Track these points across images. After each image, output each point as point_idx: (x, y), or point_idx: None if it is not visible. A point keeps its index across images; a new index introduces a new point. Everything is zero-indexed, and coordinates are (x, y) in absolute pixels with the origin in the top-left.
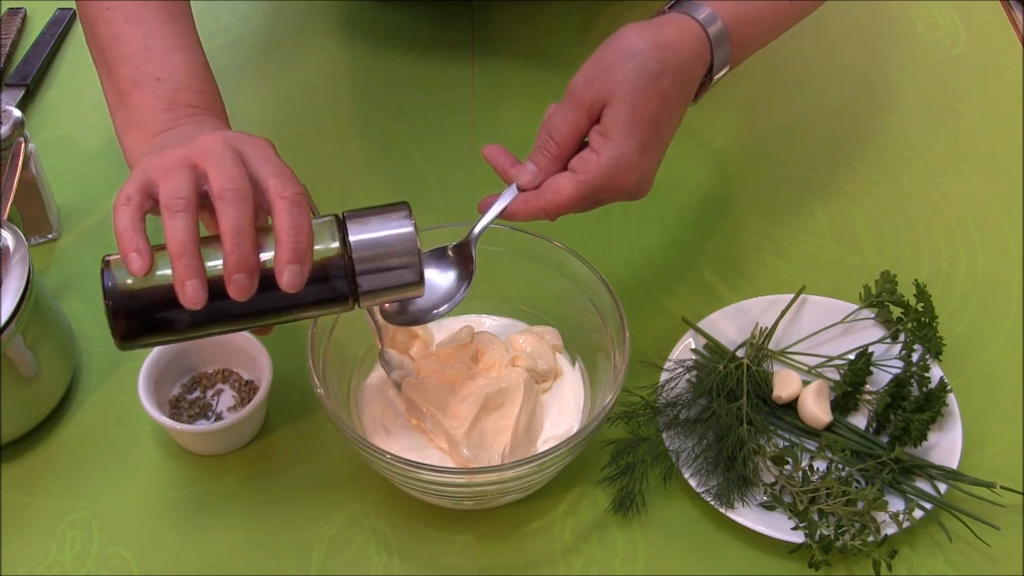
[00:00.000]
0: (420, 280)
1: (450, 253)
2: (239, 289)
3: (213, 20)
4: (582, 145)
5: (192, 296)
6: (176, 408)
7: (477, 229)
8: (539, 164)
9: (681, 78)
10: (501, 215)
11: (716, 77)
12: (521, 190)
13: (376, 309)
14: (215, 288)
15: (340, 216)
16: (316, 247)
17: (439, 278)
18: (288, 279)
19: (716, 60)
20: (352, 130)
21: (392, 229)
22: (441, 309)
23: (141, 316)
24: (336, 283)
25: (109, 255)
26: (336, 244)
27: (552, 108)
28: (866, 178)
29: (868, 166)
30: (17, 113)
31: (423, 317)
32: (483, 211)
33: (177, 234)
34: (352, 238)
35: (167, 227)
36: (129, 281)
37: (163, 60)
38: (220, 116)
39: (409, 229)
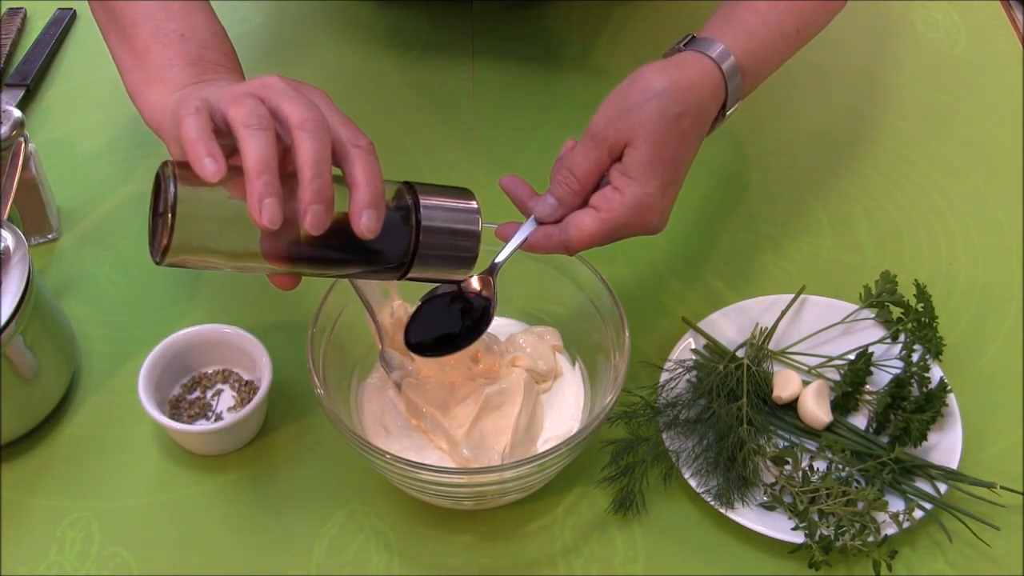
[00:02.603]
0: (471, 264)
1: (473, 283)
2: (315, 220)
3: None
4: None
5: (268, 214)
6: (176, 408)
7: (499, 259)
8: (560, 198)
9: (699, 119)
10: (522, 246)
11: (729, 112)
12: (540, 223)
13: (386, 310)
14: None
15: (406, 183)
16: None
17: (462, 311)
18: (366, 221)
19: (729, 95)
20: None
21: (461, 206)
22: (469, 340)
23: (196, 230)
24: (396, 243)
25: (167, 162)
26: (402, 204)
27: (570, 144)
28: (866, 178)
29: (868, 166)
30: (17, 113)
31: (448, 350)
32: (504, 238)
33: (258, 149)
34: (423, 205)
35: (246, 144)
36: (191, 190)
37: (185, 19)
38: (244, 79)
39: (475, 212)
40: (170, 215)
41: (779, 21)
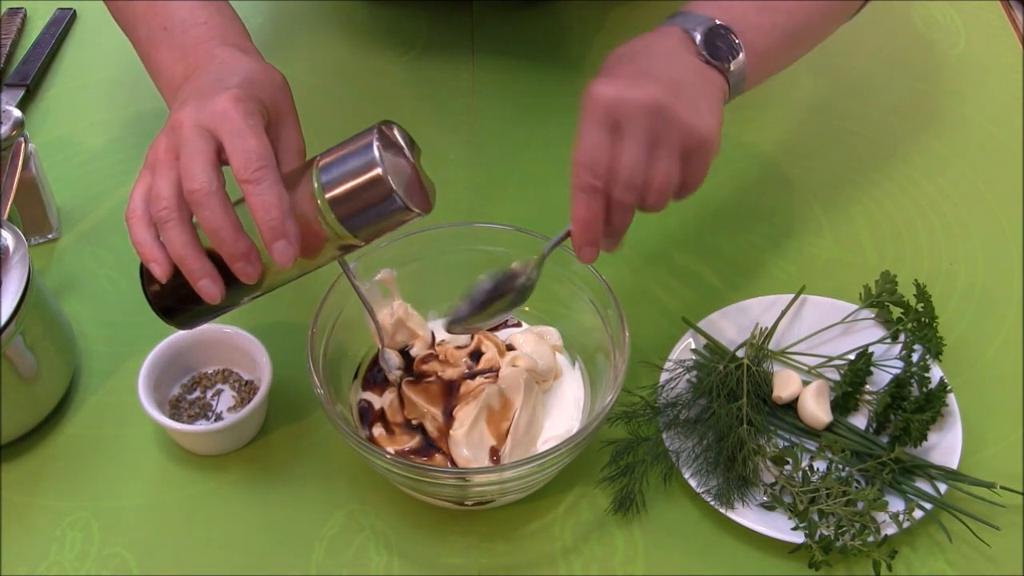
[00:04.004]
0: (403, 204)
1: (513, 267)
2: (244, 274)
3: None
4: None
5: (208, 293)
6: (176, 408)
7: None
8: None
9: (656, 48)
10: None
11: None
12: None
13: (386, 310)
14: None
15: (316, 159)
16: (297, 198)
17: (497, 298)
18: (278, 256)
19: (703, 43)
20: (352, 130)
21: (356, 162)
22: (495, 319)
23: (182, 305)
24: (328, 231)
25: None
26: (314, 188)
27: None
28: (866, 178)
29: (868, 166)
30: (17, 113)
31: (485, 325)
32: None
33: (171, 244)
34: (323, 181)
35: (165, 236)
36: (155, 281)
37: (166, 8)
38: (231, 39)
39: (371, 153)
40: (155, 306)
41: None
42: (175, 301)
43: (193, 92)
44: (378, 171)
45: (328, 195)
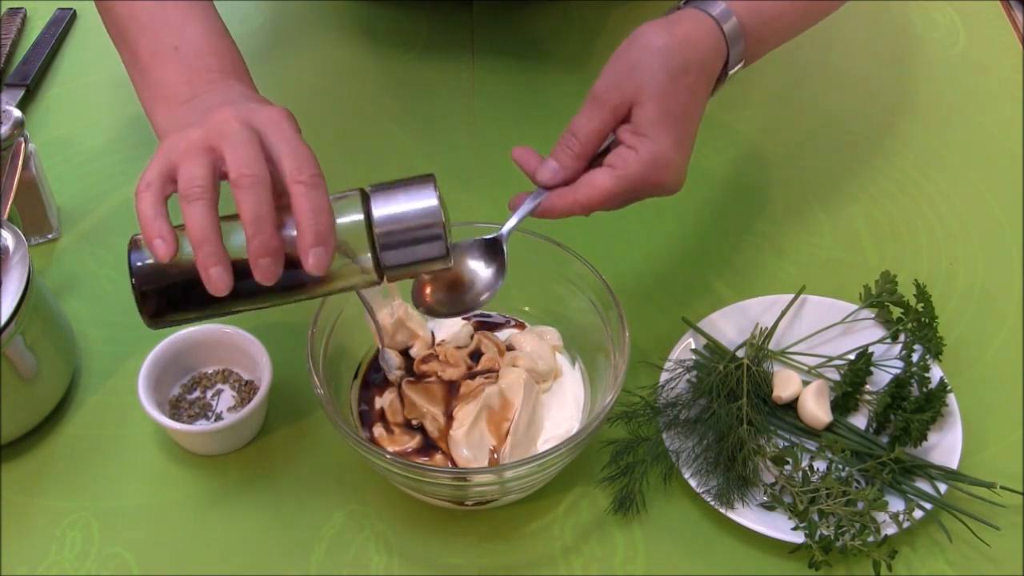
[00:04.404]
0: (446, 254)
1: (483, 247)
2: (265, 273)
3: None
4: (605, 150)
5: (217, 282)
6: (176, 408)
7: (506, 228)
8: (561, 161)
9: (704, 72)
10: (535, 213)
11: (731, 72)
12: (543, 187)
13: (386, 310)
14: (241, 268)
15: (365, 190)
16: (340, 221)
17: (479, 269)
18: (313, 261)
19: (732, 56)
20: (352, 130)
21: (416, 202)
22: (483, 298)
23: (169, 296)
24: (361, 259)
25: (137, 235)
26: (359, 219)
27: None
28: (866, 178)
29: (868, 166)
30: (17, 113)
31: (465, 308)
32: (514, 208)
33: (195, 222)
34: (375, 213)
35: (186, 215)
36: (155, 262)
37: (180, 30)
38: (242, 78)
39: (433, 203)
40: (137, 291)
41: None
42: (163, 290)
43: (215, 104)
44: (439, 226)
45: (379, 230)
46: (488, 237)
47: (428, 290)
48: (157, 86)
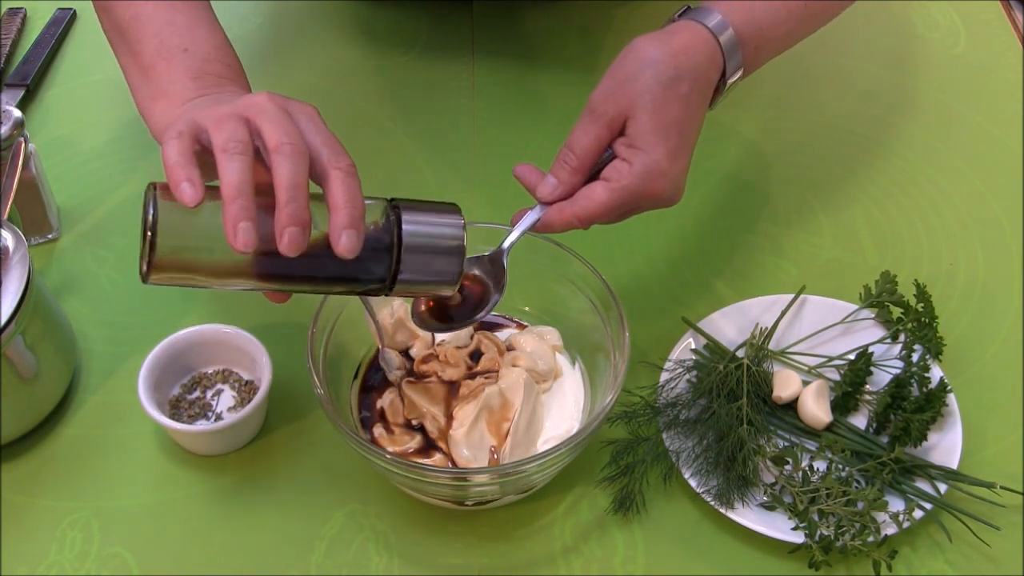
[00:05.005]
0: (456, 281)
1: (485, 262)
2: (291, 243)
3: None
4: (606, 160)
5: (243, 238)
6: (176, 408)
7: (507, 243)
8: (559, 177)
9: (698, 83)
10: (535, 228)
11: (730, 82)
12: (543, 203)
13: (385, 310)
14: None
15: (389, 200)
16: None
17: (473, 285)
18: (346, 242)
19: (729, 66)
20: (352, 130)
21: (445, 225)
22: (478, 316)
23: (178, 251)
24: (378, 262)
25: (156, 182)
26: (385, 223)
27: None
28: (866, 178)
29: (868, 166)
30: (17, 113)
31: (458, 324)
32: (515, 224)
33: (232, 176)
34: (406, 224)
35: (223, 169)
36: (173, 212)
37: (189, 34)
38: (247, 90)
39: (460, 229)
40: (150, 236)
41: None
42: (174, 246)
43: (224, 102)
44: (461, 251)
45: (406, 242)
46: (489, 253)
47: (424, 307)
48: (159, 83)
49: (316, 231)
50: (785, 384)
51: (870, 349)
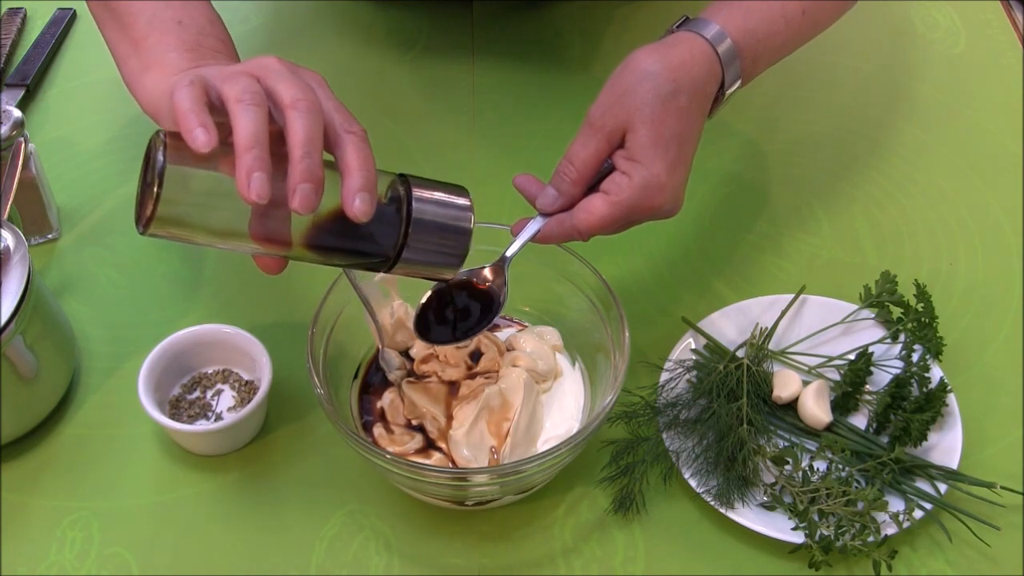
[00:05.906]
0: (459, 264)
1: (485, 274)
2: (304, 200)
3: None
4: (605, 172)
5: (257, 188)
6: (176, 408)
7: (509, 252)
8: (559, 189)
9: (697, 96)
10: (536, 239)
11: (728, 92)
12: (543, 215)
13: (386, 310)
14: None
15: (400, 175)
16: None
17: (474, 296)
18: (359, 204)
19: (727, 76)
20: None
21: (453, 202)
22: (478, 330)
23: (183, 203)
24: (384, 235)
25: (162, 130)
26: (394, 196)
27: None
28: (866, 178)
29: (868, 166)
30: (17, 113)
31: (466, 335)
32: (515, 234)
33: (247, 125)
34: (416, 200)
35: (237, 119)
36: (181, 161)
37: (183, 7)
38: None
39: (468, 211)
40: (157, 184)
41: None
42: (178, 198)
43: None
44: (469, 231)
45: (415, 216)
46: (490, 264)
47: (424, 318)
48: (152, 53)
49: (325, 197)
50: (785, 384)
51: (870, 349)
